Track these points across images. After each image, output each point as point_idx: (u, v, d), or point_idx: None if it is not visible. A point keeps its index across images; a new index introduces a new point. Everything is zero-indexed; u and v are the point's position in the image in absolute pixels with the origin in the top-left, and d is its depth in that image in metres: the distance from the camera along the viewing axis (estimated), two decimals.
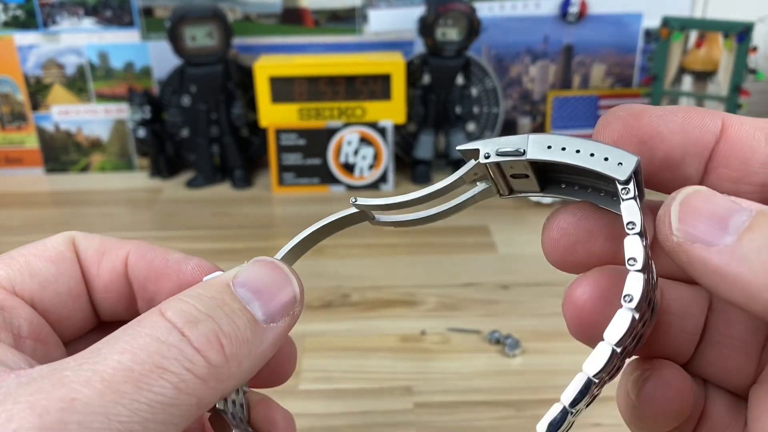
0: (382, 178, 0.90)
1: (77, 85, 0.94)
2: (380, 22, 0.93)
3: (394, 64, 0.87)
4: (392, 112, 0.89)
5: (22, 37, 0.92)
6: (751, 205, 0.17)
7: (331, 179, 0.90)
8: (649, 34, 0.94)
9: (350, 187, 0.90)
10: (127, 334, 0.18)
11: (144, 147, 0.94)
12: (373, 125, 0.88)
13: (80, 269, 0.23)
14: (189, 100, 0.91)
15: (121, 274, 0.24)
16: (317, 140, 0.89)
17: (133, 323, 0.18)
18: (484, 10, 0.92)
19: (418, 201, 0.22)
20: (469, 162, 0.21)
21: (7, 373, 0.17)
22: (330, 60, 0.88)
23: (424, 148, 0.93)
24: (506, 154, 0.20)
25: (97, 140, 0.98)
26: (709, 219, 0.17)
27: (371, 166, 0.89)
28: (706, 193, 0.17)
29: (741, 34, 0.81)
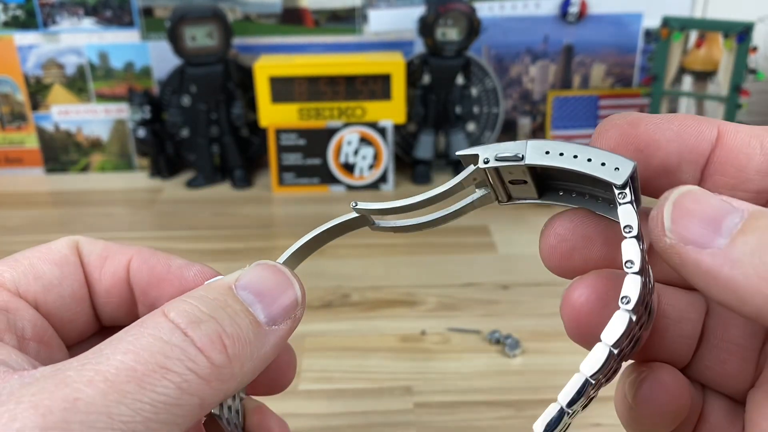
0: (382, 178, 0.90)
1: (77, 85, 0.95)
2: (380, 22, 0.94)
3: (394, 64, 0.87)
4: (392, 112, 0.89)
5: (22, 37, 0.92)
6: (743, 205, 0.17)
7: (331, 179, 0.90)
8: (649, 34, 0.94)
9: (350, 187, 0.90)
10: (130, 334, 0.18)
11: (144, 147, 0.94)
12: (373, 125, 0.88)
13: (83, 273, 0.24)
14: (189, 100, 0.91)
15: (123, 279, 0.24)
16: (317, 140, 0.89)
17: (136, 324, 0.19)
18: (484, 10, 0.92)
19: (418, 206, 0.22)
20: (468, 167, 0.21)
21: (11, 374, 0.17)
22: (330, 60, 0.88)
23: (424, 148, 0.93)
24: (505, 159, 0.20)
25: (97, 140, 0.98)
26: (701, 221, 0.17)
27: (371, 166, 0.90)
28: (699, 194, 0.17)
29: (741, 34, 0.81)
